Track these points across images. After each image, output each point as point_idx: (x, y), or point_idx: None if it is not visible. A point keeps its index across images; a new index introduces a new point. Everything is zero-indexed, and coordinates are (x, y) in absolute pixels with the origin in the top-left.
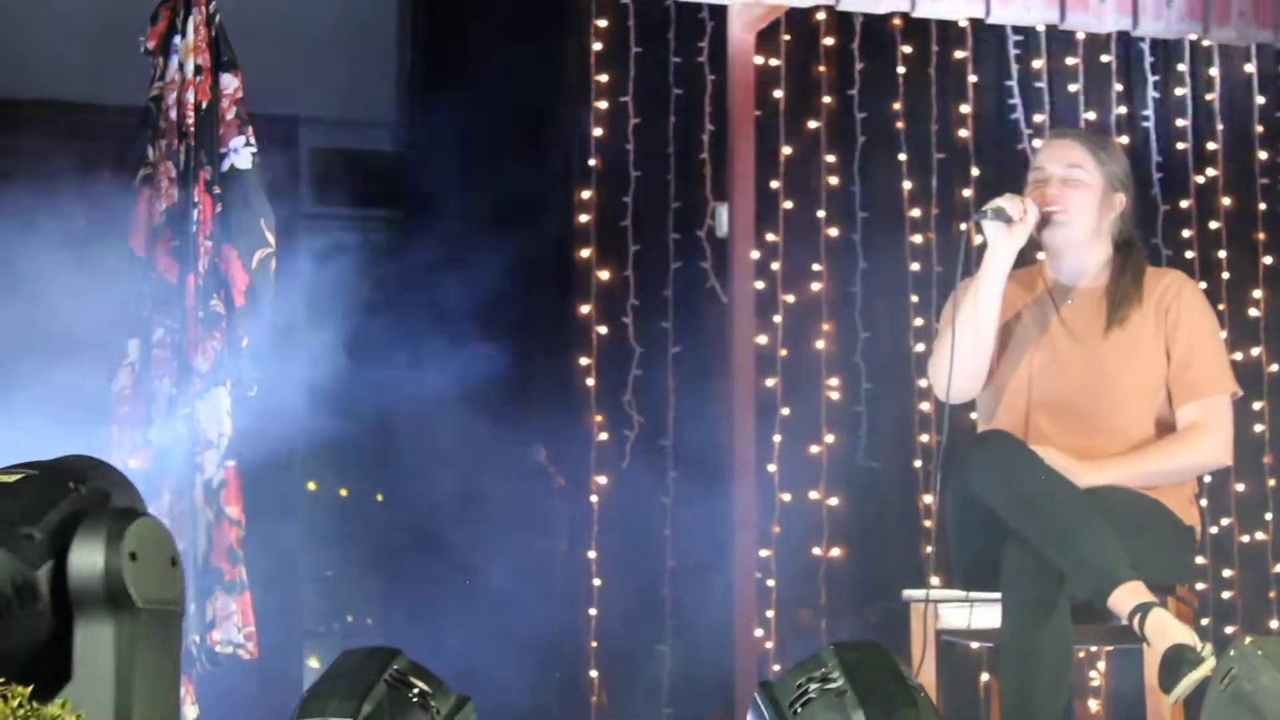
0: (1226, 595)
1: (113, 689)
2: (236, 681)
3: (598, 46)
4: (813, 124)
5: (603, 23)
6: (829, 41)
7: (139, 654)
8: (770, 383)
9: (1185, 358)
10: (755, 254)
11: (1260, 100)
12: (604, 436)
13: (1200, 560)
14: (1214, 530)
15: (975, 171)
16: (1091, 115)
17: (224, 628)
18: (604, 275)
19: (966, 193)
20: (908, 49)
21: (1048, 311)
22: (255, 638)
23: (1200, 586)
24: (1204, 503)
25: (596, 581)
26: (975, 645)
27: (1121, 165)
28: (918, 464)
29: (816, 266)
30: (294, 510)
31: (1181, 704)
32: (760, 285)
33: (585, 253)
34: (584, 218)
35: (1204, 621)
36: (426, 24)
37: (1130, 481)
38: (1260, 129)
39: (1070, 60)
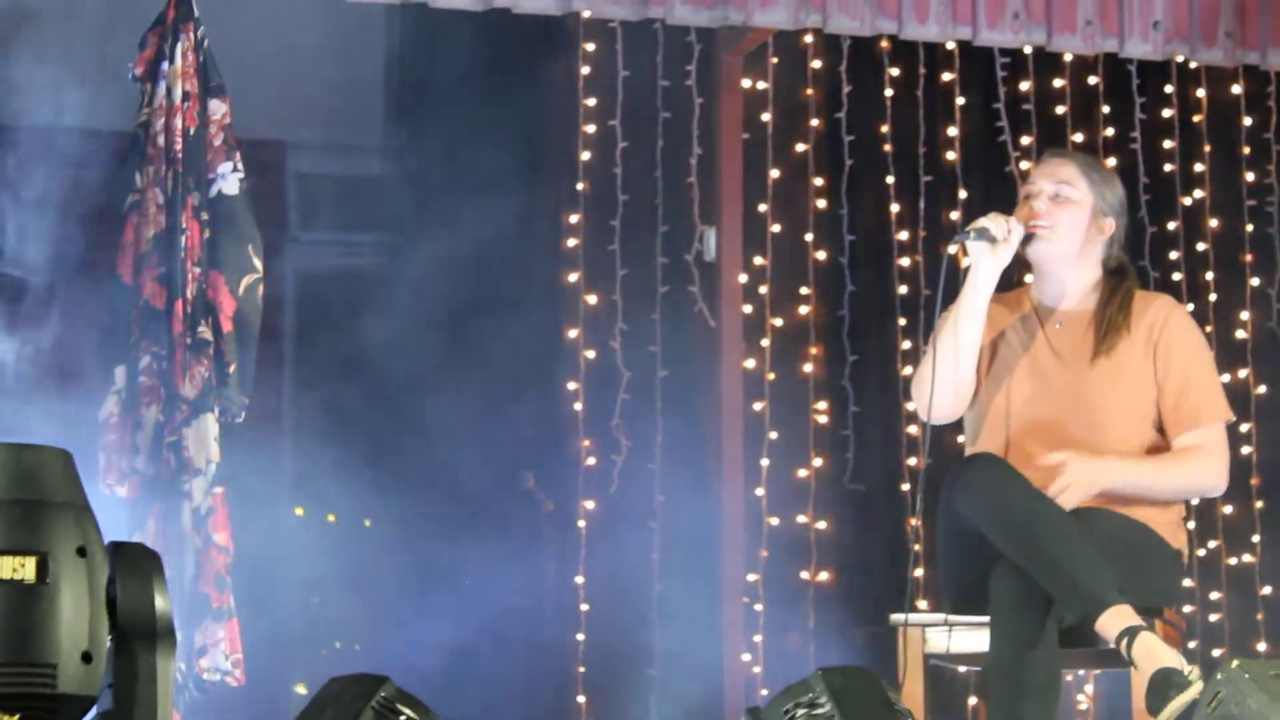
0: (1214, 618)
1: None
2: (224, 709)
3: (585, 70)
4: (800, 147)
5: (590, 46)
6: (816, 64)
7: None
8: (758, 406)
9: (1181, 388)
10: (743, 277)
11: (1247, 122)
12: (592, 461)
13: (1188, 583)
14: (1201, 553)
15: (963, 194)
16: (1079, 137)
17: (212, 655)
18: (591, 299)
19: (954, 215)
20: (895, 71)
21: (1034, 334)
22: (243, 665)
23: (1188, 609)
24: (1191, 525)
25: (584, 606)
26: (963, 669)
27: (1115, 191)
28: (906, 487)
29: (804, 290)
30: (282, 536)
31: None
32: (748, 309)
33: (573, 277)
34: (571, 242)
35: (1191, 645)
36: (413, 48)
37: (1133, 484)
38: (1247, 150)
39: (1058, 82)
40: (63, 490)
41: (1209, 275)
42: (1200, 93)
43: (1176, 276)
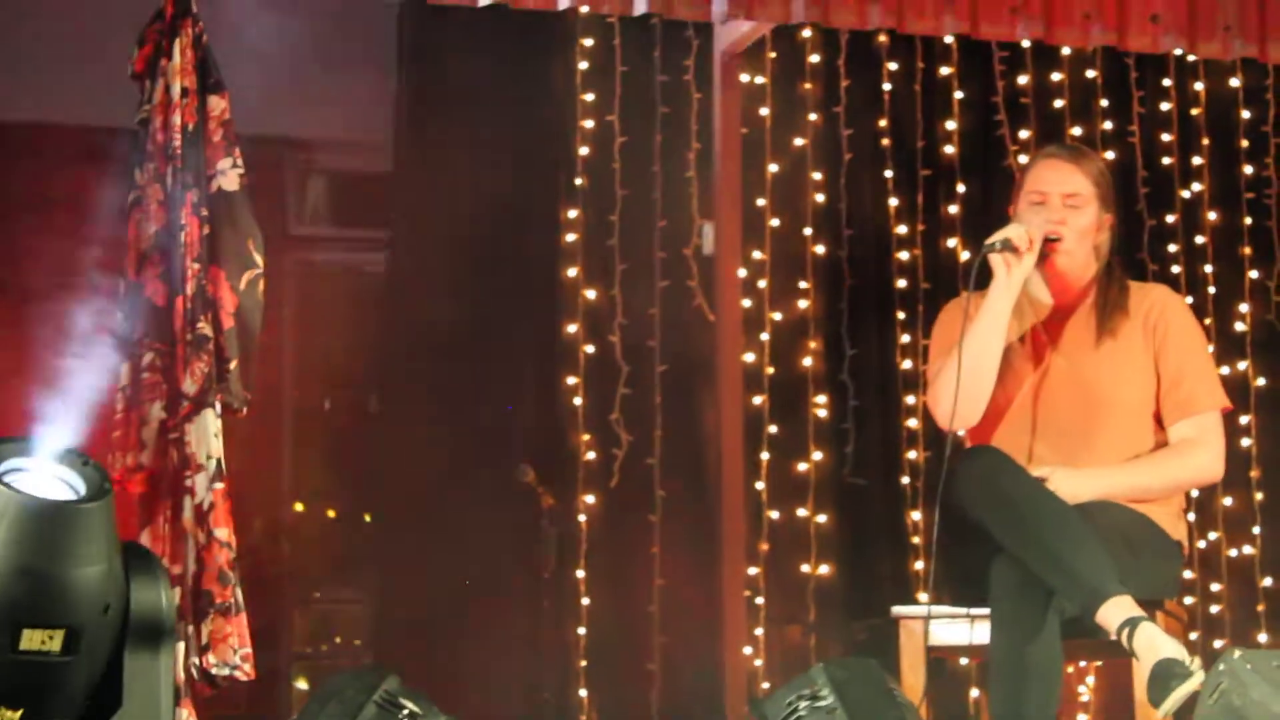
0: (1215, 609)
1: (161, 714)
2: (226, 703)
3: (584, 65)
4: (799, 141)
5: (589, 42)
6: (815, 59)
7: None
8: (757, 400)
9: (1176, 375)
10: (742, 272)
11: (1246, 114)
12: (592, 455)
13: (1188, 574)
14: (1202, 544)
15: (961, 188)
16: (1077, 131)
17: (220, 650)
18: (591, 294)
19: (953, 209)
20: (893, 66)
21: (1035, 330)
22: (252, 659)
23: (1189, 601)
24: (1192, 517)
25: (585, 600)
26: (965, 661)
27: (1109, 183)
28: (905, 480)
29: (803, 284)
30: (282, 532)
31: (1171, 718)
32: (747, 303)
33: (572, 271)
34: (570, 236)
35: (1193, 636)
36: (414, 45)
37: (1123, 493)
38: (1245, 143)
39: (1056, 76)
40: (92, 544)
41: (1208, 268)
42: (1199, 86)
43: (1175, 269)
